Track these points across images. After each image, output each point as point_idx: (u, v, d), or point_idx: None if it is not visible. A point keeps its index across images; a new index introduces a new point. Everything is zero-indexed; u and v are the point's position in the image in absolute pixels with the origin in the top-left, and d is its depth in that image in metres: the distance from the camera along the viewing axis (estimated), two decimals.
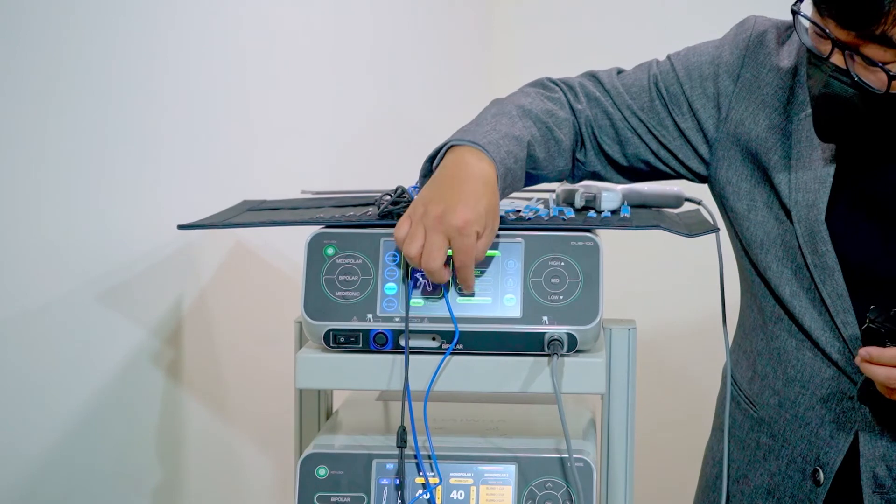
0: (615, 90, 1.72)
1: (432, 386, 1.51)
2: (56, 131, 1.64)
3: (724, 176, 1.70)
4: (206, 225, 1.66)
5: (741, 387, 1.77)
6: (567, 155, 1.69)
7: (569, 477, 1.53)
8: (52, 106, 1.63)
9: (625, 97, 1.71)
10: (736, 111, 1.69)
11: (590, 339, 1.53)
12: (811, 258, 1.62)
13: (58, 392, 1.69)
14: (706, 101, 1.70)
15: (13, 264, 1.59)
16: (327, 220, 1.58)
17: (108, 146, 1.74)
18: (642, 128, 1.71)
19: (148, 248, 1.84)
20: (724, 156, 1.70)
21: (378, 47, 2.58)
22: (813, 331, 1.65)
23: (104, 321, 1.76)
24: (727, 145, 1.70)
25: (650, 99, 1.71)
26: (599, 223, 1.59)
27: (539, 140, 1.63)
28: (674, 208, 1.78)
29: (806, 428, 1.67)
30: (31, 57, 1.58)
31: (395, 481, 1.54)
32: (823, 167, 1.62)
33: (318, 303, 1.53)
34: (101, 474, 1.78)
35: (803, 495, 1.68)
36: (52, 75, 1.61)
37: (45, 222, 1.64)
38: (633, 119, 1.71)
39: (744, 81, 1.68)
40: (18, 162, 1.58)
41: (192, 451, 1.98)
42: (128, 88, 1.77)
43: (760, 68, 1.68)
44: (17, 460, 1.63)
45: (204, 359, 2.00)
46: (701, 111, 1.70)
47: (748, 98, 1.68)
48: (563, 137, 1.67)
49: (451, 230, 1.45)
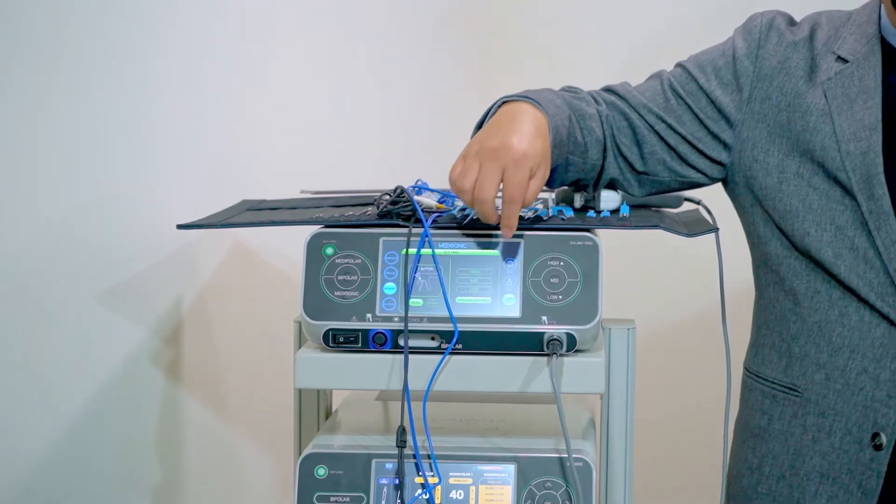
0: (630, 94, 1.75)
1: (431, 386, 1.51)
2: (54, 130, 1.64)
3: (749, 155, 1.72)
4: (206, 224, 1.66)
5: (775, 380, 1.76)
6: (599, 147, 1.70)
7: (568, 477, 1.53)
8: (51, 105, 1.63)
9: (640, 99, 1.74)
10: (759, 89, 1.71)
11: (589, 339, 1.53)
12: (867, 205, 1.63)
13: (57, 391, 1.69)
14: (724, 87, 1.73)
15: (13, 264, 1.59)
16: (326, 219, 1.58)
17: (107, 146, 1.74)
18: (660, 124, 1.73)
19: (147, 247, 1.84)
20: (749, 136, 1.72)
21: (377, 46, 2.58)
22: (861, 289, 1.65)
23: (104, 321, 1.76)
24: (752, 125, 1.72)
25: (665, 99, 1.74)
26: (599, 223, 1.59)
27: (575, 123, 1.64)
28: (673, 208, 1.78)
29: (860, 394, 1.67)
30: (30, 57, 1.58)
31: (395, 481, 1.54)
32: (868, 116, 1.65)
33: (317, 302, 1.53)
34: (100, 474, 1.78)
35: (863, 466, 1.67)
36: (51, 75, 1.61)
37: (45, 221, 1.64)
38: (651, 116, 1.73)
39: (763, 60, 1.72)
40: (17, 162, 1.58)
41: (191, 450, 1.98)
42: (127, 88, 1.77)
43: (778, 46, 1.72)
44: (17, 459, 1.63)
45: (203, 358, 2.00)
46: (721, 98, 1.72)
47: (771, 73, 1.71)
48: (595, 128, 1.69)
49: (508, 160, 1.46)
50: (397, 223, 1.56)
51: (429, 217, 1.55)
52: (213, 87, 1.99)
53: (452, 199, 1.62)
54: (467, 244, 1.55)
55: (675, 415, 2.90)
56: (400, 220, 1.56)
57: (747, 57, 1.73)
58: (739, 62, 1.73)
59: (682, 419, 2.83)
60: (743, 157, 1.73)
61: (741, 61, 1.73)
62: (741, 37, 1.75)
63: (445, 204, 1.61)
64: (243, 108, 2.08)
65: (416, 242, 1.54)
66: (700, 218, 1.71)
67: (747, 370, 1.82)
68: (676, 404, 2.88)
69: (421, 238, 1.54)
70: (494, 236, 1.55)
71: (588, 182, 1.73)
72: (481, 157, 1.47)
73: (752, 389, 1.79)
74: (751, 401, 1.80)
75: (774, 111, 1.70)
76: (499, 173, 1.46)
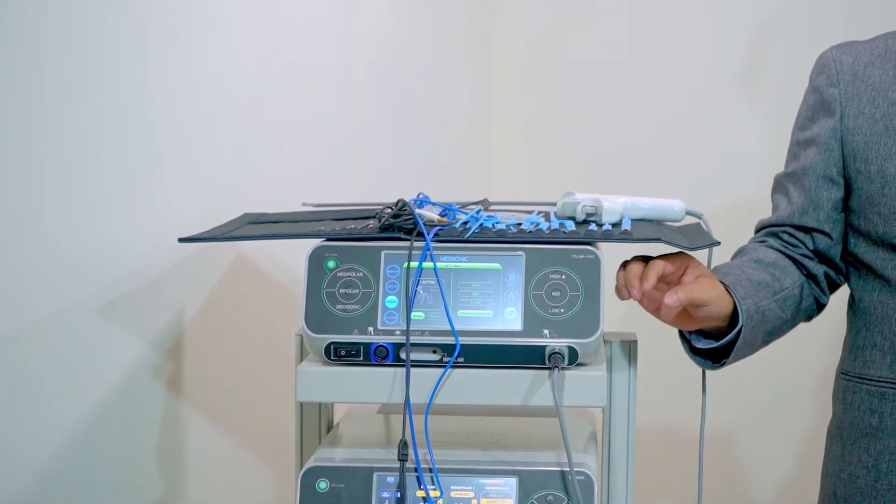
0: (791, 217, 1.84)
1: (433, 399, 1.51)
2: (55, 142, 1.64)
3: (851, 167, 1.79)
4: (207, 238, 1.66)
5: (882, 378, 1.80)
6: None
7: (570, 490, 1.53)
8: (52, 116, 1.63)
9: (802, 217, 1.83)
10: (850, 106, 1.78)
11: (591, 353, 1.53)
12: None
13: (58, 404, 1.69)
14: (819, 127, 1.81)
15: (13, 276, 1.59)
16: (328, 233, 1.58)
17: (108, 158, 1.74)
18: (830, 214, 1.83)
19: (149, 261, 1.84)
20: (850, 144, 1.79)
21: (379, 60, 2.58)
22: None
23: (105, 334, 1.76)
24: (848, 139, 1.79)
25: (807, 191, 1.83)
26: (600, 236, 1.59)
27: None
28: (675, 221, 1.78)
29: None
30: (31, 68, 1.58)
31: (397, 494, 1.54)
32: None
33: (318, 316, 1.53)
34: (101, 486, 1.78)
35: None
36: (52, 86, 1.62)
37: (45, 234, 1.64)
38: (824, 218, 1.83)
39: (846, 83, 1.80)
40: (18, 174, 1.58)
41: (192, 463, 1.98)
42: (128, 100, 1.77)
43: (856, 67, 1.80)
44: (18, 470, 1.62)
45: (204, 372, 2.00)
46: (820, 135, 1.81)
47: (858, 89, 1.79)
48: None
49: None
50: (399, 236, 1.56)
51: (430, 230, 1.55)
52: (215, 100, 1.99)
53: (454, 212, 1.62)
54: (469, 257, 1.55)
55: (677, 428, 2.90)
56: (402, 233, 1.56)
57: (828, 85, 1.82)
58: (823, 93, 1.83)
59: (684, 432, 2.82)
60: (848, 171, 1.81)
61: (824, 92, 1.83)
62: (813, 79, 1.85)
63: (447, 217, 1.61)
64: (245, 120, 2.08)
65: (417, 256, 1.54)
66: (701, 231, 1.71)
67: (846, 374, 1.85)
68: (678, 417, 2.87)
69: (423, 251, 1.54)
70: (496, 250, 1.55)
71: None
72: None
73: (855, 392, 1.83)
74: (856, 403, 1.84)
75: (870, 116, 1.78)
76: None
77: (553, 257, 1.54)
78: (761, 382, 2.77)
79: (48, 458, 1.67)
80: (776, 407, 2.83)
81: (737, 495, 2.86)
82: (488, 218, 1.62)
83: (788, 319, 1.77)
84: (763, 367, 1.91)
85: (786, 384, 2.80)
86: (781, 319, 1.75)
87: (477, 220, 1.60)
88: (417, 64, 2.76)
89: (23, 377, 1.62)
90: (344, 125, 2.44)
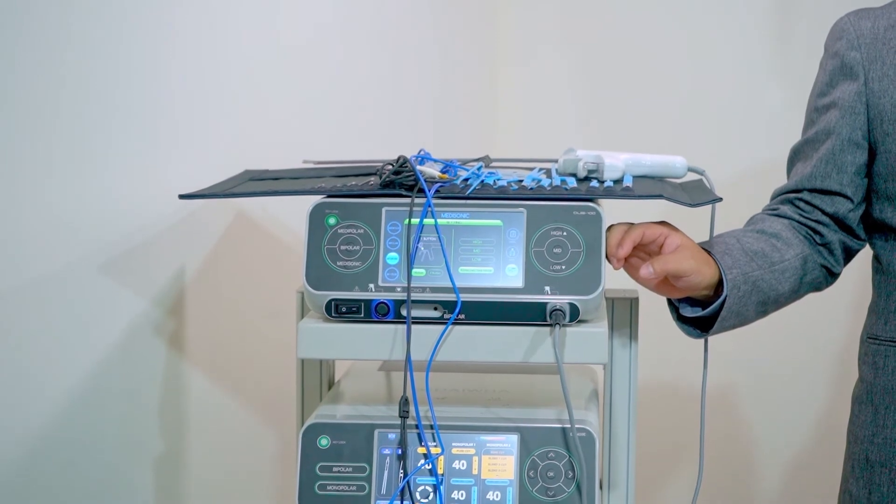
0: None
1: (434, 356, 1.51)
2: (56, 103, 1.63)
3: (878, 129, 1.77)
4: (208, 195, 1.66)
5: None
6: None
7: (571, 446, 1.54)
8: (54, 77, 1.62)
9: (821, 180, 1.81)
10: (874, 69, 1.76)
11: (592, 309, 1.53)
12: None
13: (59, 362, 1.69)
14: (841, 91, 1.78)
15: (15, 235, 1.59)
16: (329, 189, 1.58)
17: (109, 116, 1.73)
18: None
19: (149, 218, 1.84)
20: (876, 107, 1.77)
21: (380, 16, 2.57)
22: None
23: (106, 292, 1.76)
24: (874, 102, 1.77)
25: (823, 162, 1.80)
26: (602, 193, 1.58)
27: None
28: (677, 178, 1.77)
29: None
30: (34, 30, 1.57)
31: (398, 451, 1.54)
32: None
33: (319, 273, 1.53)
34: (102, 445, 1.78)
35: None
36: (55, 47, 1.61)
37: (47, 193, 1.63)
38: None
39: (867, 46, 1.77)
40: (20, 134, 1.58)
41: (193, 421, 1.98)
42: (130, 58, 1.77)
43: (876, 31, 1.78)
44: (19, 429, 1.63)
45: (206, 329, 2.00)
46: (843, 99, 1.78)
47: (881, 52, 1.76)
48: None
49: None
50: (400, 193, 1.55)
51: (431, 187, 1.55)
52: (215, 57, 1.98)
53: (455, 168, 1.61)
54: (470, 214, 1.55)
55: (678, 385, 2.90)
56: (402, 189, 1.55)
57: (849, 49, 1.79)
58: (844, 58, 1.79)
59: (685, 389, 2.83)
60: (874, 134, 1.79)
61: (845, 56, 1.79)
62: (830, 46, 1.82)
63: (448, 174, 1.60)
64: (245, 77, 2.07)
65: (418, 212, 1.54)
66: (703, 188, 1.70)
67: (874, 338, 1.82)
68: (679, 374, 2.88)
69: (423, 208, 1.54)
70: (497, 207, 1.54)
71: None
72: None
73: (888, 356, 1.79)
74: (889, 366, 1.80)
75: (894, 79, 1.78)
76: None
77: (554, 214, 1.54)
78: (761, 341, 2.77)
79: (49, 416, 1.68)
80: (778, 365, 2.83)
81: (737, 452, 2.87)
82: (489, 174, 1.61)
83: (786, 292, 1.75)
84: (762, 326, 1.90)
85: (787, 344, 2.80)
86: (777, 291, 1.73)
87: (478, 176, 1.59)
88: (419, 18, 2.74)
89: (24, 335, 1.62)
90: (345, 81, 2.43)
